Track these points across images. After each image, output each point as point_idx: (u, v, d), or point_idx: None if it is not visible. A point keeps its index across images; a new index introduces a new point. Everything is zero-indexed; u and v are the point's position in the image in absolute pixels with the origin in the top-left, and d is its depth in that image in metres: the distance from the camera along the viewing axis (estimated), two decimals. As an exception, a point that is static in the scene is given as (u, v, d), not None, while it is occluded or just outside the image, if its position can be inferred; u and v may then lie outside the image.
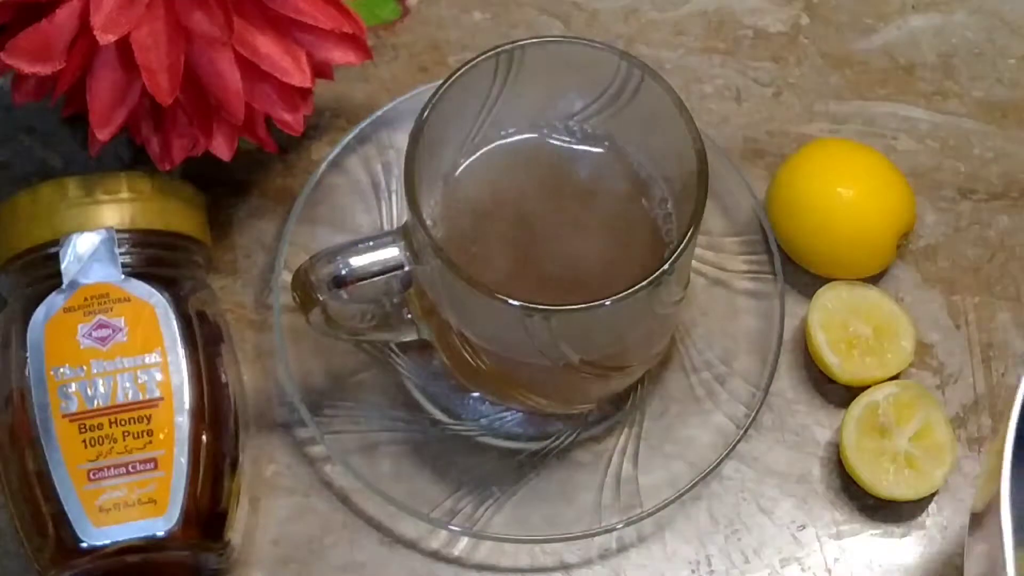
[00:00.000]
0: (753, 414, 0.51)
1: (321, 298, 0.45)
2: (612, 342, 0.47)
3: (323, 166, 0.55)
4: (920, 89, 0.59)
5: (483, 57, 0.46)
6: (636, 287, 0.42)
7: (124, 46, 0.46)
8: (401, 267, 0.45)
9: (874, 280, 0.54)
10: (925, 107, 0.58)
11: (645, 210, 0.48)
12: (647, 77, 0.46)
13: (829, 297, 0.53)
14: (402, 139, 0.47)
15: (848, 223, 0.53)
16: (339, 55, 0.50)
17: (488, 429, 0.52)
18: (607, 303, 0.42)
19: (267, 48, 0.48)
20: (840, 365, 0.52)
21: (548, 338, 0.44)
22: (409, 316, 0.49)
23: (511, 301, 0.42)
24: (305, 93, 0.50)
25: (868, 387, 0.52)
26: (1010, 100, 0.59)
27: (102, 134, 0.48)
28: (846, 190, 0.53)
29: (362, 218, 0.55)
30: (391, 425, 0.52)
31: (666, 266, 0.43)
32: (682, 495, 0.50)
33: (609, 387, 0.51)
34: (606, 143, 0.49)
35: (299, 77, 0.49)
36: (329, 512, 0.51)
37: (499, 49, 0.46)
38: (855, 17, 0.60)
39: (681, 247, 0.43)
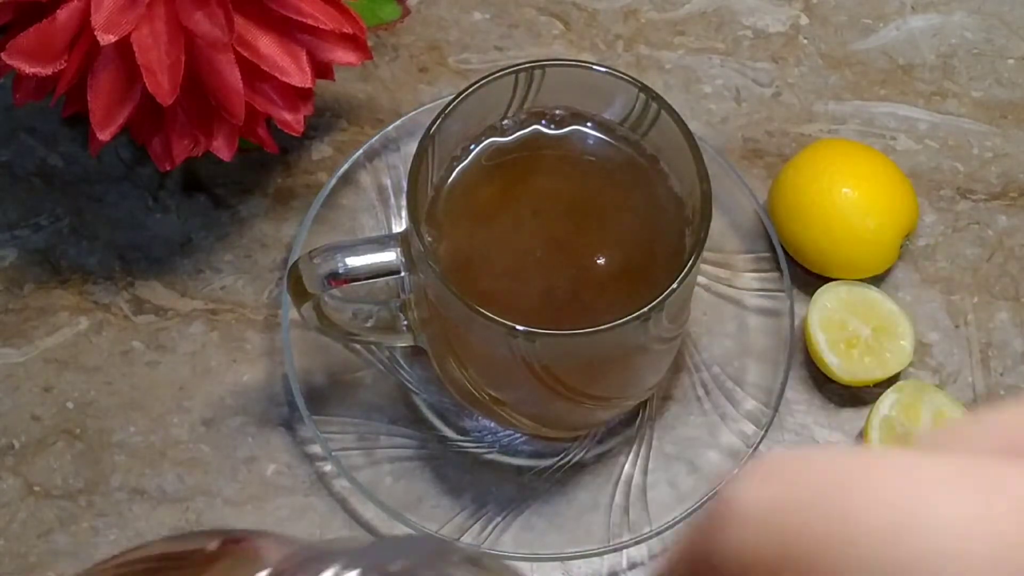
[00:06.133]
0: (763, 433, 0.51)
1: (315, 292, 0.45)
2: (601, 371, 0.46)
3: (347, 164, 0.55)
4: (919, 89, 0.59)
5: (502, 73, 0.45)
6: (622, 320, 0.41)
7: (125, 46, 0.46)
8: (397, 271, 0.45)
9: (873, 280, 0.55)
10: (924, 107, 0.59)
11: (672, 222, 0.46)
12: (663, 112, 0.45)
13: (828, 297, 0.53)
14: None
15: (853, 224, 0.52)
16: (339, 55, 0.50)
17: (496, 446, 0.52)
18: (591, 332, 0.41)
19: (267, 48, 0.48)
20: (839, 365, 0.52)
21: (534, 360, 0.43)
22: (406, 323, 0.49)
23: (495, 319, 0.41)
24: (305, 93, 0.50)
25: (867, 386, 0.52)
26: (1009, 100, 0.59)
27: (103, 134, 0.48)
28: (851, 191, 0.53)
29: (372, 223, 0.55)
30: (399, 441, 0.52)
31: (655, 303, 0.42)
32: (692, 513, 0.50)
33: (600, 416, 0.51)
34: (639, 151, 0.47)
35: (299, 77, 0.49)
36: (329, 512, 0.51)
37: (519, 67, 0.45)
38: (854, 17, 0.60)
39: (671, 288, 0.42)
